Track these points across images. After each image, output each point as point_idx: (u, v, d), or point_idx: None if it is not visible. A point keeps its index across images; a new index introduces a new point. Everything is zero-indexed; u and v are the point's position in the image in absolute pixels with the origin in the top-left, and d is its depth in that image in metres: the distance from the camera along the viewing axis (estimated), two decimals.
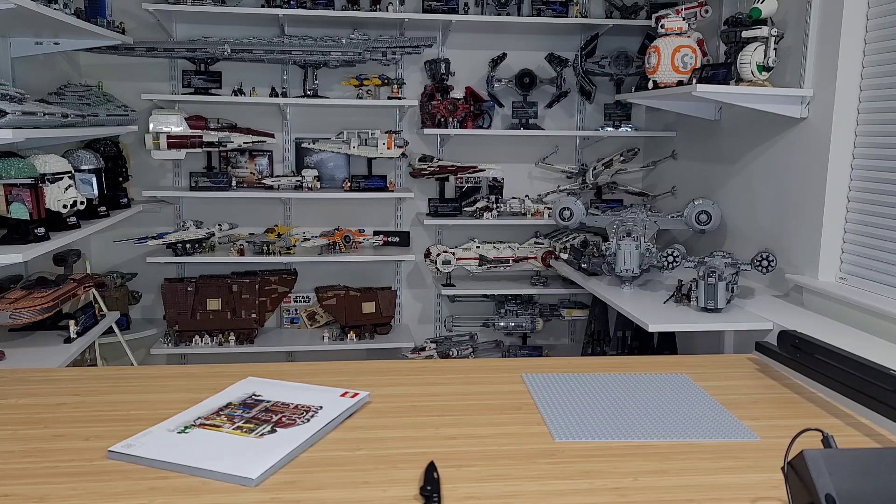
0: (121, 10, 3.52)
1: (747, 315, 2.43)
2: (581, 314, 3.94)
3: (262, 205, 3.90)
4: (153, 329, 3.75)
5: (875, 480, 0.82)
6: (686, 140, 3.65)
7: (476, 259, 3.88)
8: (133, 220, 3.56)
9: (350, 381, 1.48)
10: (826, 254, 2.54)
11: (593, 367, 1.59)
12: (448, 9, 3.62)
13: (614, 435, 1.21)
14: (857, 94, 2.47)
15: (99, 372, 1.56)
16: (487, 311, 4.06)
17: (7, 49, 2.90)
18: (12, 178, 2.35)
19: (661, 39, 3.01)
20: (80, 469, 1.02)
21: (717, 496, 1.01)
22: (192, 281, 3.65)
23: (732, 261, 2.55)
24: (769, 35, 2.60)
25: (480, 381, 1.49)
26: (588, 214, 3.28)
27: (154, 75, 3.74)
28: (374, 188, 3.73)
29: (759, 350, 1.65)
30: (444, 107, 3.72)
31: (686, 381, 1.49)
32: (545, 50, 3.90)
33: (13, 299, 2.50)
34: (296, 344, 3.79)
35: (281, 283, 3.78)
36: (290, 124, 3.88)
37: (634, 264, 2.79)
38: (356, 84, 3.70)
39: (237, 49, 3.54)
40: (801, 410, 1.37)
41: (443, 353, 3.78)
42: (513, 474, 1.06)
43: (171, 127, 3.54)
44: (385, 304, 3.83)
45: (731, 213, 3.16)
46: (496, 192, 3.97)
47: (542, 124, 3.96)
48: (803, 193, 2.65)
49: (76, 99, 3.13)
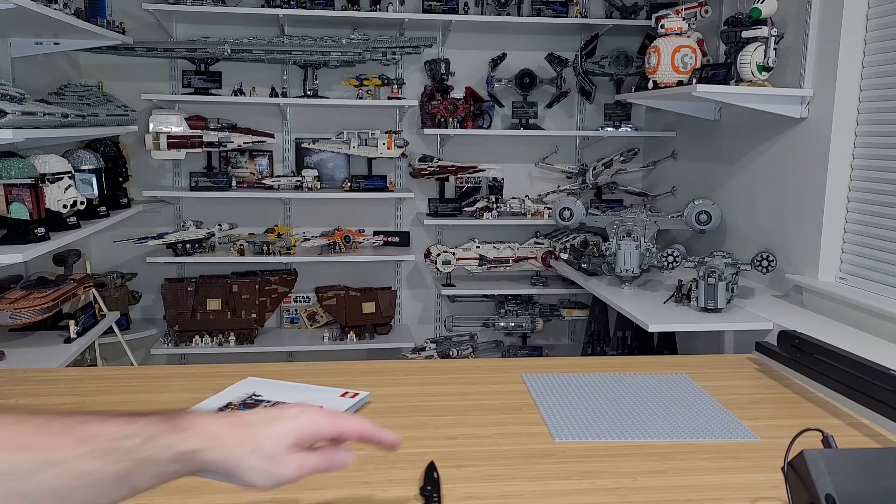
0: (121, 10, 3.52)
1: (747, 315, 2.43)
2: (581, 314, 3.94)
3: (262, 205, 3.90)
4: (153, 329, 3.75)
5: (875, 480, 0.82)
6: (686, 140, 3.65)
7: (476, 259, 3.88)
8: (133, 220, 3.56)
9: (350, 381, 1.48)
10: (826, 254, 2.54)
11: (593, 367, 1.59)
12: (448, 9, 3.62)
13: (614, 435, 1.21)
14: (857, 94, 2.47)
15: (99, 372, 1.56)
16: (487, 311, 4.06)
17: (7, 49, 2.90)
18: (12, 178, 2.35)
19: (661, 39, 3.01)
20: None
21: (717, 496, 1.01)
22: (192, 281, 3.65)
23: (732, 261, 2.55)
24: (769, 35, 2.60)
25: (480, 381, 1.49)
26: (588, 214, 3.28)
27: (154, 75, 3.74)
28: (374, 188, 3.73)
29: (759, 350, 1.65)
30: (444, 107, 3.72)
31: (686, 381, 1.49)
32: (545, 50, 3.89)
33: (13, 299, 2.50)
34: (296, 344, 3.79)
35: (281, 283, 3.78)
36: (290, 124, 3.88)
37: (634, 264, 2.79)
38: (356, 84, 3.70)
39: (237, 49, 3.54)
40: (801, 410, 1.37)
41: (443, 353, 3.77)
42: (512, 474, 1.06)
43: (171, 127, 3.54)
44: (385, 304, 3.83)
45: (731, 213, 3.16)
46: (496, 192, 3.97)
47: (542, 124, 3.96)
48: (803, 193, 2.65)
49: (76, 99, 3.13)
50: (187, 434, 0.68)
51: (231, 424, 0.72)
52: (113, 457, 0.63)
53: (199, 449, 0.68)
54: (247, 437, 0.71)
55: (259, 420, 0.74)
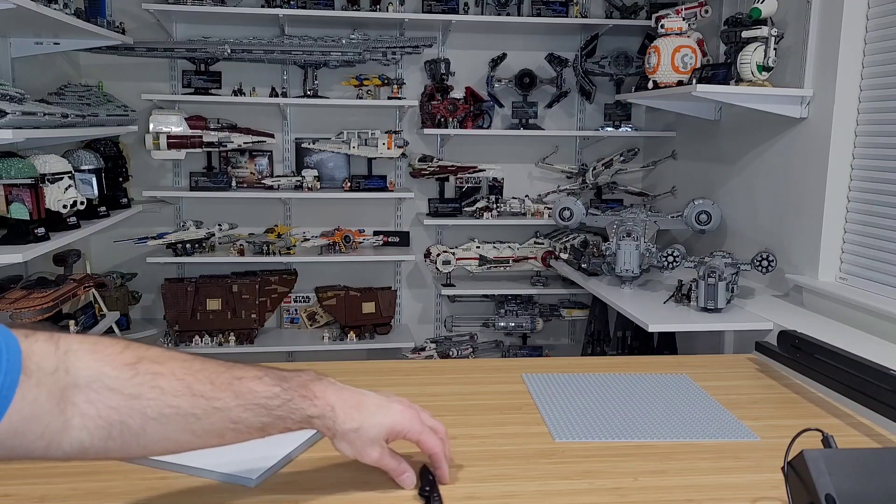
0: (121, 10, 3.52)
1: (747, 315, 2.43)
2: (581, 314, 3.94)
3: (262, 205, 3.90)
4: (153, 329, 3.75)
5: (875, 480, 0.82)
6: (686, 140, 3.65)
7: (476, 259, 3.88)
8: (133, 220, 3.56)
9: (350, 382, 1.47)
10: (826, 254, 2.54)
11: (593, 367, 1.59)
12: (448, 9, 3.62)
13: (614, 435, 1.21)
14: (857, 94, 2.47)
15: None
16: (487, 311, 4.06)
17: (7, 49, 2.90)
18: (12, 178, 2.35)
19: (661, 39, 3.01)
20: (80, 469, 1.02)
21: (717, 496, 1.01)
22: (192, 281, 3.65)
23: (732, 261, 2.55)
24: (769, 35, 2.60)
25: (480, 381, 1.49)
26: (588, 214, 3.28)
27: (154, 75, 3.74)
28: (374, 188, 3.73)
29: (759, 350, 1.65)
30: (444, 107, 3.72)
31: (686, 382, 1.49)
32: (545, 50, 3.90)
33: (13, 299, 2.50)
34: (296, 344, 3.79)
35: (281, 283, 3.78)
36: (290, 124, 3.88)
37: (634, 264, 2.79)
38: (356, 84, 3.70)
39: (237, 49, 3.54)
40: (801, 410, 1.36)
41: (443, 353, 3.77)
42: (512, 474, 1.06)
43: (171, 127, 3.54)
44: (385, 304, 3.83)
45: (731, 213, 3.16)
46: (496, 192, 3.97)
47: (542, 124, 3.96)
48: (803, 193, 2.65)
49: (76, 99, 3.13)
50: (313, 402, 0.86)
51: (345, 402, 0.89)
52: (259, 411, 0.82)
53: (319, 415, 0.87)
54: (354, 418, 0.89)
55: (369, 405, 0.91)
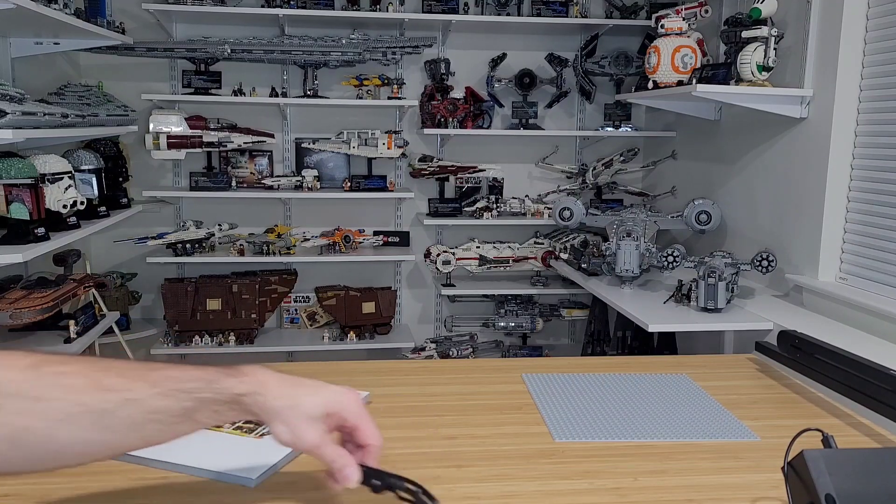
0: (121, 10, 3.52)
1: (747, 315, 2.43)
2: (581, 314, 3.94)
3: (262, 205, 3.90)
4: (153, 329, 3.75)
5: (875, 480, 0.82)
6: (686, 140, 3.65)
7: (476, 259, 3.88)
8: (133, 220, 3.56)
9: (350, 381, 1.47)
10: (826, 254, 2.54)
11: (593, 367, 1.59)
12: (448, 9, 3.62)
13: (614, 435, 1.21)
14: (857, 94, 2.47)
15: None
16: (487, 311, 4.06)
17: (7, 49, 2.90)
18: (12, 178, 2.35)
19: (661, 39, 3.01)
20: (79, 469, 1.01)
21: (717, 496, 1.01)
22: (192, 281, 3.65)
23: (732, 261, 2.55)
24: (769, 35, 2.60)
25: (480, 381, 1.49)
26: (588, 214, 3.27)
27: (154, 75, 3.74)
28: (374, 188, 3.73)
29: (759, 350, 1.65)
30: (444, 107, 3.72)
31: (686, 382, 1.49)
32: (545, 50, 3.89)
33: (13, 299, 2.50)
34: (296, 344, 3.79)
35: (281, 283, 3.78)
36: (290, 124, 3.88)
37: (634, 264, 2.79)
38: (356, 84, 3.70)
39: (237, 49, 3.54)
40: (801, 410, 1.36)
41: (443, 353, 3.77)
42: (512, 474, 1.06)
43: (171, 127, 3.54)
44: (385, 304, 3.83)
45: (731, 213, 3.16)
46: (496, 192, 3.97)
47: (542, 124, 3.96)
48: (803, 193, 2.65)
49: (76, 99, 3.13)
50: (242, 379, 0.79)
51: (281, 379, 0.81)
52: (180, 396, 0.75)
53: (248, 392, 0.78)
54: (290, 394, 0.80)
55: (307, 384, 0.83)
